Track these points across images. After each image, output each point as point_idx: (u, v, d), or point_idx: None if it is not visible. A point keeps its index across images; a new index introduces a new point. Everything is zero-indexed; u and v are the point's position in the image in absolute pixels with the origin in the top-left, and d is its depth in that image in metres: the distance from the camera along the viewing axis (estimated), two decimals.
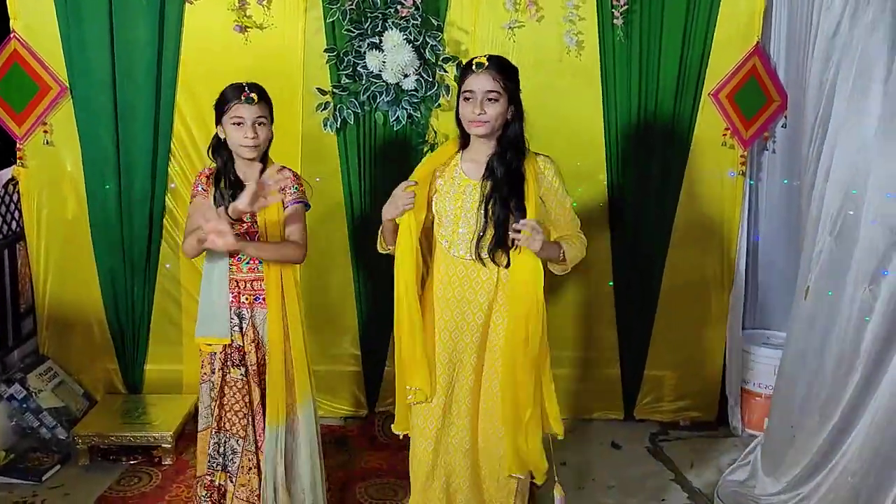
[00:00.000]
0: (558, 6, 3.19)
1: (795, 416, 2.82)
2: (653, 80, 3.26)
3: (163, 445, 3.16)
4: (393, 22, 3.09)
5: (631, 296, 3.52)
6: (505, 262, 2.30)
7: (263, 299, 2.41)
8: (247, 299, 2.42)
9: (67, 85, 3.21)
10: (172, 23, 3.18)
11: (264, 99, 2.42)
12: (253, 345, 2.43)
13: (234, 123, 2.35)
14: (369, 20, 3.10)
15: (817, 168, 2.81)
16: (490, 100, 2.22)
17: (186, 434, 3.33)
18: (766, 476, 2.90)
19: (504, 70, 2.27)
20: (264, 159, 2.44)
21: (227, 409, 2.43)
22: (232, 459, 2.45)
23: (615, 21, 3.16)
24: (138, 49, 3.19)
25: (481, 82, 2.23)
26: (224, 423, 2.44)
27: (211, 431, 2.45)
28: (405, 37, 3.07)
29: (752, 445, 3.10)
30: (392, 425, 2.61)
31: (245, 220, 2.37)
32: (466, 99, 2.25)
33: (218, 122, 2.42)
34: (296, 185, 2.47)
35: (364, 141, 3.30)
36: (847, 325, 2.61)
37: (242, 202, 2.23)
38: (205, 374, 2.47)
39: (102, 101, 3.23)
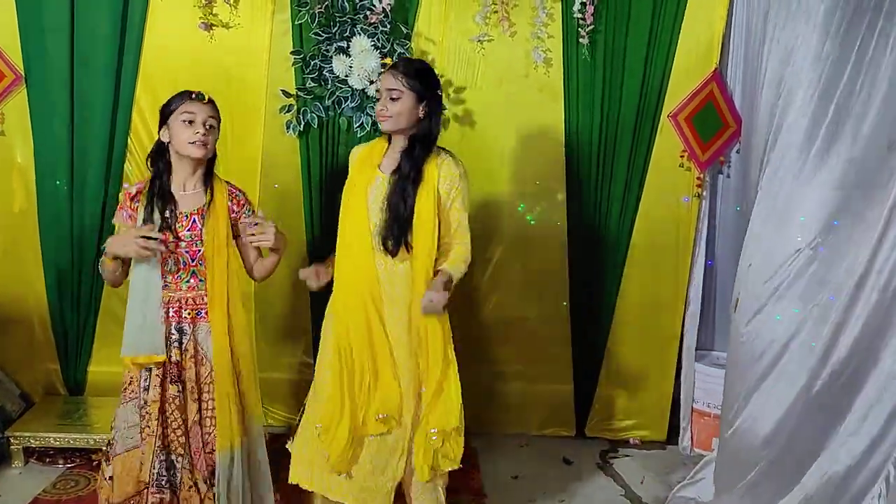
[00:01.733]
0: (527, 23, 3.24)
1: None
2: (615, 99, 3.33)
3: (103, 449, 3.04)
4: (361, 28, 3.09)
5: (586, 315, 3.55)
6: (392, 252, 2.39)
7: (206, 313, 2.33)
8: (189, 314, 2.33)
9: (23, 73, 3.12)
10: (136, 16, 3.13)
11: (214, 104, 2.35)
12: (192, 360, 2.34)
13: (184, 121, 2.27)
14: (338, 24, 3.10)
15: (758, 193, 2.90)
16: (392, 99, 2.37)
17: None
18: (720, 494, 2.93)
19: (408, 72, 2.41)
20: (210, 173, 2.38)
21: (172, 426, 2.32)
22: (175, 475, 2.33)
23: (581, 40, 3.22)
24: (99, 41, 3.13)
25: (385, 81, 2.41)
26: (167, 442, 2.32)
27: (155, 451, 2.30)
28: (373, 43, 3.08)
29: (702, 463, 3.13)
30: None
31: (184, 238, 2.30)
32: (377, 99, 2.46)
33: (163, 124, 2.32)
34: (250, 208, 2.45)
35: (327, 146, 3.28)
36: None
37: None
38: (132, 392, 2.33)
39: (59, 93, 3.15)
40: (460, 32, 3.24)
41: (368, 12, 3.09)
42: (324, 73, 3.15)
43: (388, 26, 3.11)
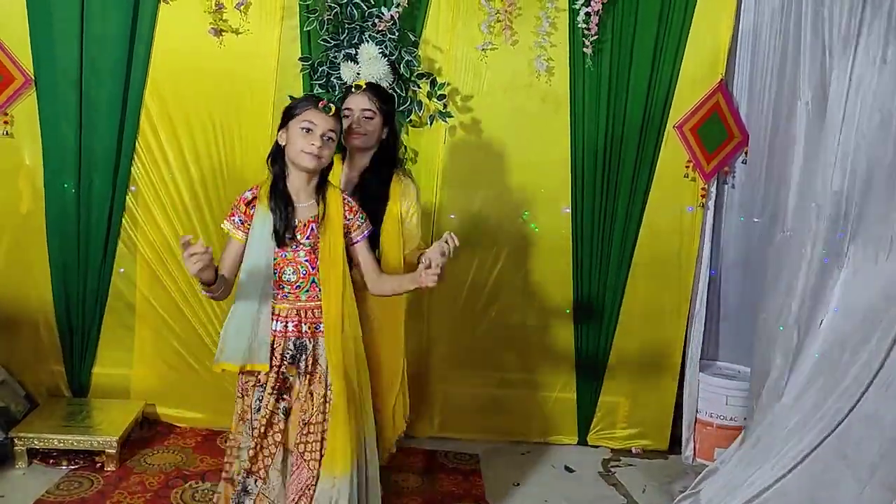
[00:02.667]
0: (531, 32, 3.26)
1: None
2: (620, 109, 3.34)
3: (107, 451, 3.05)
4: (370, 35, 3.11)
5: (589, 323, 3.55)
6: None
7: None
8: (308, 328, 2.22)
9: (32, 76, 3.14)
10: (145, 21, 3.15)
11: (338, 117, 2.26)
12: (306, 379, 2.21)
13: (302, 128, 2.16)
14: (346, 31, 3.12)
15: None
16: (366, 118, 2.52)
17: (131, 440, 3.25)
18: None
19: (380, 96, 2.58)
20: (324, 182, 2.28)
21: (264, 447, 2.19)
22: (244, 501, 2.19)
23: (585, 50, 3.23)
24: (108, 45, 3.15)
25: (358, 101, 2.54)
26: (257, 463, 2.19)
27: (240, 471, 2.19)
28: (381, 50, 3.08)
29: (704, 473, 3.12)
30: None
31: (303, 247, 2.20)
32: (345, 116, 2.53)
33: (282, 126, 2.23)
34: (361, 217, 2.32)
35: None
36: None
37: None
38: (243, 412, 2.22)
39: (67, 96, 3.17)
40: (467, 41, 3.26)
41: (377, 20, 3.10)
42: (332, 79, 3.17)
43: (396, 34, 3.13)
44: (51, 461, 3.08)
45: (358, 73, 3.10)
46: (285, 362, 2.21)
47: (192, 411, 3.46)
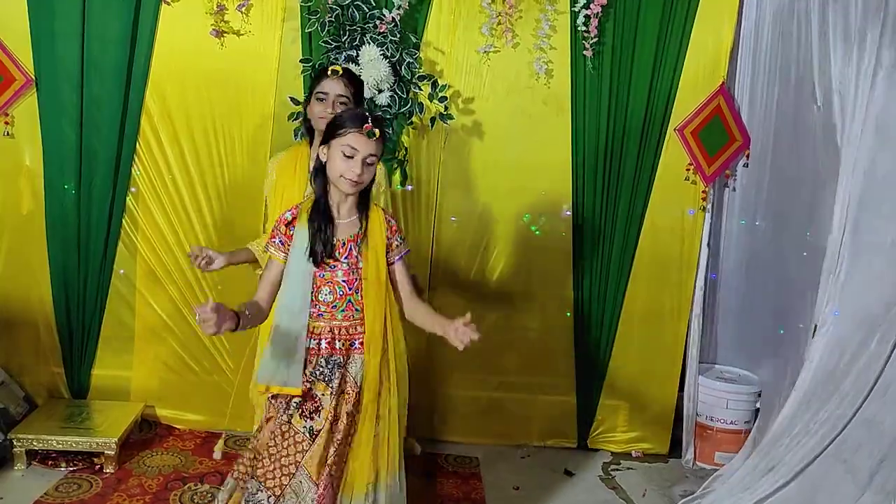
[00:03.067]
0: (531, 34, 3.25)
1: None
2: (621, 111, 3.33)
3: (106, 453, 3.05)
4: (371, 37, 3.11)
5: (589, 326, 3.55)
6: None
7: (360, 344, 2.16)
8: (342, 345, 2.17)
9: (33, 77, 3.14)
10: (147, 22, 3.14)
11: (382, 138, 2.17)
12: (335, 398, 2.14)
13: (343, 153, 2.11)
14: (347, 33, 3.12)
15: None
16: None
17: (131, 442, 3.24)
18: None
19: (353, 78, 2.61)
20: (366, 199, 2.22)
21: (274, 457, 2.13)
22: None
23: (585, 52, 3.23)
24: (109, 46, 3.14)
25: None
26: (260, 473, 2.14)
27: (244, 477, 2.16)
28: (382, 52, 3.09)
29: (712, 478, 3.12)
30: None
31: (341, 266, 2.15)
32: (320, 100, 2.57)
33: (325, 141, 2.16)
34: (400, 237, 2.27)
35: None
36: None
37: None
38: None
39: (68, 97, 3.17)
40: (468, 43, 3.26)
41: (378, 22, 3.10)
42: None
43: (398, 36, 3.13)
44: (50, 463, 3.07)
45: (359, 75, 3.10)
46: (316, 380, 2.15)
47: (191, 413, 3.46)
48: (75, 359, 3.40)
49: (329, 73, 2.61)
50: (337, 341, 2.16)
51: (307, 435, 2.13)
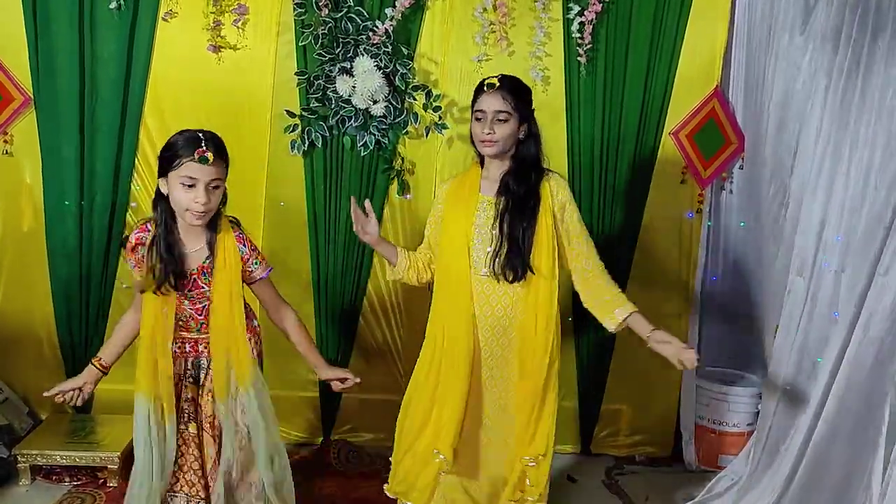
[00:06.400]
0: (526, 42, 3.27)
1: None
2: (616, 116, 3.34)
3: (109, 467, 3.06)
4: (364, 48, 3.13)
5: (590, 330, 3.55)
6: (512, 278, 2.34)
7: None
8: (205, 347, 2.25)
9: (31, 96, 3.17)
10: (143, 39, 3.17)
11: (222, 156, 2.09)
12: (210, 395, 2.23)
13: (183, 184, 2.01)
14: (341, 45, 3.14)
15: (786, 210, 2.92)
16: (500, 120, 2.28)
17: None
18: None
19: (515, 91, 2.32)
20: (215, 217, 2.18)
21: (186, 469, 2.22)
22: None
23: (580, 59, 3.25)
24: (107, 63, 3.17)
25: (491, 102, 2.30)
26: (182, 486, 2.21)
27: (165, 497, 2.20)
28: (376, 63, 3.11)
29: (716, 479, 3.12)
30: (385, 486, 2.61)
31: (187, 297, 2.20)
32: (478, 119, 2.34)
33: (162, 174, 2.06)
34: (257, 259, 2.28)
35: (331, 165, 3.30)
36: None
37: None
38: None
39: (67, 114, 3.19)
40: (462, 52, 3.27)
41: (371, 33, 3.12)
42: (327, 93, 3.19)
43: (391, 47, 3.15)
44: (54, 478, 3.09)
45: (354, 87, 3.13)
46: (185, 381, 2.23)
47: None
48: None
49: (485, 87, 2.33)
50: (200, 344, 2.24)
51: (199, 435, 2.23)
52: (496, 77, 2.33)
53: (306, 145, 3.24)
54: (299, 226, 3.36)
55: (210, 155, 2.01)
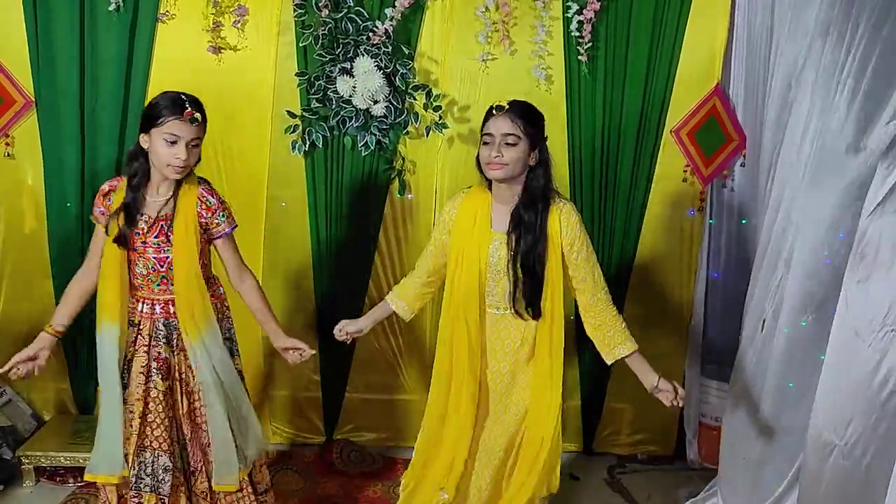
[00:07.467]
0: (528, 41, 3.26)
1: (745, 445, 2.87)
2: (616, 115, 3.34)
3: None
4: (364, 49, 3.13)
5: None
6: (532, 314, 2.36)
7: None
8: (175, 309, 2.36)
9: (33, 98, 3.18)
10: (143, 41, 3.16)
11: (203, 118, 2.27)
12: (182, 353, 2.38)
13: (166, 140, 2.20)
14: (341, 46, 3.14)
15: (778, 206, 2.91)
16: (508, 143, 2.23)
17: None
18: None
19: (525, 115, 2.27)
20: (187, 175, 2.35)
21: (153, 424, 2.34)
22: (164, 479, 2.33)
23: (580, 57, 3.24)
24: (107, 64, 3.16)
25: (499, 125, 2.25)
26: (150, 441, 2.34)
27: (134, 450, 2.33)
28: (376, 63, 3.11)
29: (717, 478, 3.12)
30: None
31: (151, 244, 2.32)
32: (486, 143, 2.28)
33: (145, 130, 2.24)
34: (223, 213, 2.40)
35: (331, 165, 3.31)
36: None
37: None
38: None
39: (68, 116, 3.19)
40: (462, 52, 3.27)
41: (371, 34, 3.12)
42: (328, 93, 3.19)
43: (391, 47, 3.15)
44: (58, 479, 3.11)
45: (354, 87, 3.13)
46: (158, 342, 2.33)
47: None
48: (81, 374, 3.43)
49: (494, 110, 2.28)
50: (171, 306, 2.35)
51: (171, 393, 2.36)
52: (506, 101, 2.29)
53: (307, 146, 3.24)
54: (300, 226, 3.37)
55: (199, 116, 2.21)
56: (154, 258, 2.32)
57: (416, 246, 3.40)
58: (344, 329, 2.61)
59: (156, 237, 2.31)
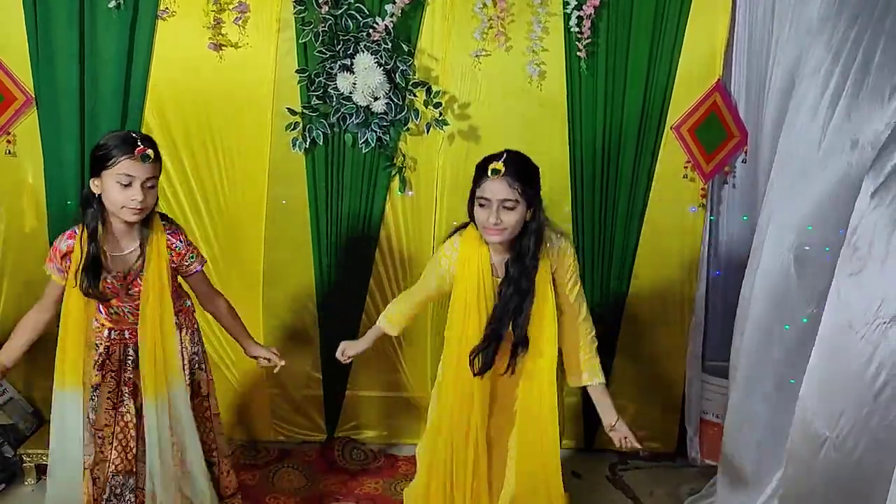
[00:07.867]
0: (524, 38, 3.26)
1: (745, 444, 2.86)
2: (617, 111, 3.33)
3: None
4: (365, 45, 3.13)
5: (593, 325, 3.53)
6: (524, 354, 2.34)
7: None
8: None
9: (33, 96, 3.17)
10: (143, 38, 3.16)
11: (157, 155, 2.12)
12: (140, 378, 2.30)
13: (119, 182, 2.06)
14: (341, 43, 3.14)
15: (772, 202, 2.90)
16: (506, 208, 2.15)
17: None
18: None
19: (521, 175, 2.18)
20: (149, 217, 2.22)
21: (116, 444, 2.31)
22: (129, 500, 2.30)
23: (579, 54, 3.24)
24: (108, 62, 3.16)
25: (496, 189, 2.15)
26: (113, 460, 2.30)
27: (107, 475, 2.29)
28: (376, 60, 3.10)
29: (719, 475, 3.11)
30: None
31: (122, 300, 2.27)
32: (481, 205, 2.19)
33: (95, 174, 2.10)
34: (192, 254, 2.37)
35: (332, 162, 3.31)
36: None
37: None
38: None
39: (69, 114, 3.18)
40: (462, 49, 3.26)
41: (371, 30, 3.12)
42: (328, 90, 3.19)
43: (391, 44, 3.14)
44: None
45: (354, 84, 3.13)
46: (126, 365, 2.29)
47: None
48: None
49: (490, 172, 2.14)
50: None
51: (136, 412, 2.30)
52: (500, 161, 2.17)
53: (307, 143, 3.23)
54: (301, 223, 3.36)
55: (151, 153, 2.07)
56: (129, 305, 2.28)
57: (417, 243, 3.40)
58: (346, 352, 2.68)
59: (130, 290, 2.26)
